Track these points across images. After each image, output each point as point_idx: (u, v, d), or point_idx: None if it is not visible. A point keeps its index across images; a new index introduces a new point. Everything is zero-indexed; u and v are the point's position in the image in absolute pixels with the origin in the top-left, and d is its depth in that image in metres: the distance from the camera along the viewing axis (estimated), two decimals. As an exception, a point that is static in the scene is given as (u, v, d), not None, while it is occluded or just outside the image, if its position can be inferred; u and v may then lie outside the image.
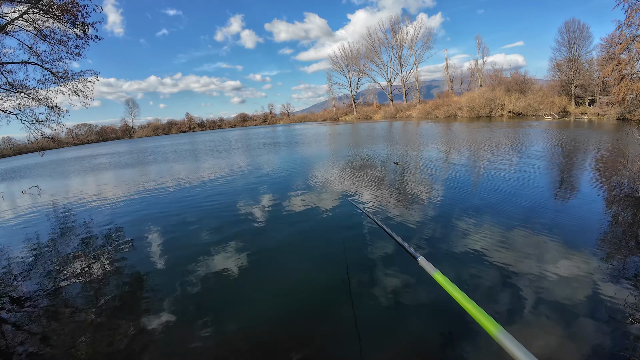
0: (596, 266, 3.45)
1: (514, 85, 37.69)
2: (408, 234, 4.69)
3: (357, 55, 63.22)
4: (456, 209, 5.57)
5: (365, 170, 9.89)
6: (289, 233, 5.16)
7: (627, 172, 6.36)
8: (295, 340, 2.71)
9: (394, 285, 3.37)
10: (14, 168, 27.31)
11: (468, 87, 55.25)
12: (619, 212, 5.09)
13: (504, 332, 0.76)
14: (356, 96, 67.95)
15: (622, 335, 2.47)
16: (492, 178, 7.61)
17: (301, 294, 3.42)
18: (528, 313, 2.78)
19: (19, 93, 9.59)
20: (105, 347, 2.82)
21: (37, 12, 8.65)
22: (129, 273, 4.31)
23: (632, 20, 17.44)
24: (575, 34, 32.51)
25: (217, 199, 7.72)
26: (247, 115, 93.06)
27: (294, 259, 4.26)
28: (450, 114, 39.66)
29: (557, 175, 7.79)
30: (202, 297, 3.51)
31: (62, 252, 5.33)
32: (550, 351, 2.38)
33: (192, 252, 4.69)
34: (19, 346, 2.97)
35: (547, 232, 4.33)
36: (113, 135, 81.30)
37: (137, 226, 6.24)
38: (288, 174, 10.28)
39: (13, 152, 61.26)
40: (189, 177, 11.48)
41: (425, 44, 55.57)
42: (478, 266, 3.60)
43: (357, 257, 4.10)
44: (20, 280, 4.39)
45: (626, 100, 20.19)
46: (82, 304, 3.60)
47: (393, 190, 7.21)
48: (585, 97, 31.70)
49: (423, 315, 2.91)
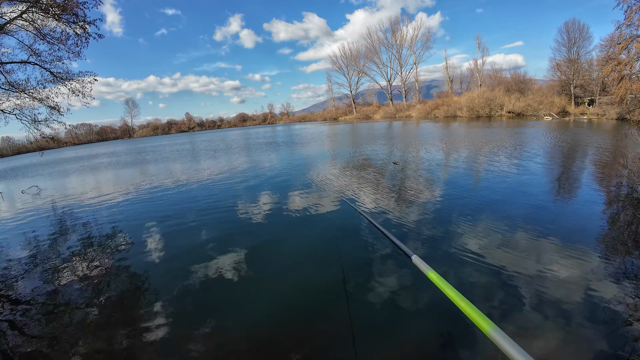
0: (595, 266, 3.45)
1: (513, 86, 37.74)
2: (405, 232, 4.69)
3: (356, 55, 63.32)
4: (454, 209, 5.57)
5: (364, 169, 9.89)
6: (287, 233, 5.16)
7: (627, 172, 6.37)
8: (294, 340, 2.71)
9: (389, 284, 3.38)
10: (13, 168, 27.28)
11: (468, 87, 55.29)
12: (618, 212, 5.10)
13: (497, 330, 0.76)
14: (356, 96, 68.04)
15: (621, 335, 2.48)
16: (490, 178, 7.61)
17: (299, 294, 3.42)
18: (527, 313, 2.78)
19: (19, 93, 9.58)
20: (105, 347, 2.82)
21: (37, 12, 8.64)
22: (128, 273, 4.31)
23: (632, 20, 17.46)
24: (575, 34, 32.58)
25: (216, 199, 7.72)
26: (246, 115, 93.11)
27: (292, 258, 4.26)
28: (450, 114, 39.68)
29: (555, 175, 7.80)
30: (200, 297, 3.51)
31: (62, 252, 5.33)
32: (550, 351, 2.38)
33: (190, 252, 4.70)
34: (19, 346, 2.97)
35: (546, 232, 4.33)
36: (113, 135, 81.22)
37: (136, 226, 6.23)
38: (287, 174, 10.27)
39: (12, 152, 61.16)
40: (188, 177, 11.47)
41: (425, 44, 55.71)
42: (476, 266, 3.60)
43: (353, 257, 4.11)
44: (19, 281, 4.39)
45: (625, 100, 20.20)
46: (82, 304, 3.60)
47: (391, 190, 7.22)
48: (585, 97, 31.72)
49: (418, 313, 2.91)
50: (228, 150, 20.91)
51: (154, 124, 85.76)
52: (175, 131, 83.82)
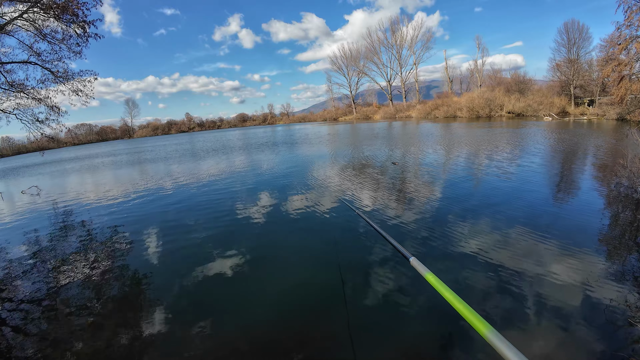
0: (595, 267, 3.45)
1: (513, 86, 37.76)
2: (404, 233, 4.69)
3: (356, 56, 63.30)
4: (454, 210, 5.57)
5: (363, 170, 9.89)
6: (285, 233, 5.16)
7: (627, 172, 6.37)
8: (293, 341, 2.71)
9: (388, 286, 3.38)
10: (13, 168, 27.27)
11: (467, 87, 55.29)
12: (618, 213, 5.10)
13: (494, 333, 0.77)
14: (356, 96, 67.99)
15: (621, 335, 2.48)
16: (490, 178, 7.62)
17: (298, 295, 3.42)
18: (527, 314, 2.78)
19: (19, 92, 9.58)
20: (104, 347, 2.82)
21: (37, 12, 8.65)
22: (128, 273, 4.31)
23: (632, 21, 17.48)
24: (575, 35, 32.59)
25: (216, 199, 7.72)
26: (246, 115, 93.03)
27: (291, 259, 4.26)
28: (450, 114, 39.69)
29: (555, 175, 7.80)
30: (199, 297, 3.51)
31: (62, 252, 5.33)
32: (550, 351, 2.38)
33: (189, 252, 4.70)
34: (19, 346, 2.97)
35: (546, 233, 4.34)
36: (113, 135, 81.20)
37: (135, 226, 6.23)
38: (286, 174, 10.27)
39: (12, 152, 61.14)
40: (188, 177, 11.47)
41: (425, 44, 55.72)
42: (474, 268, 3.60)
43: (351, 258, 4.11)
44: (19, 281, 4.39)
45: (625, 100, 20.23)
46: (82, 304, 3.60)
47: (390, 190, 7.22)
48: (585, 98, 31.73)
49: (416, 315, 2.91)
50: (228, 151, 20.90)
51: (154, 124, 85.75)
52: (175, 131, 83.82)
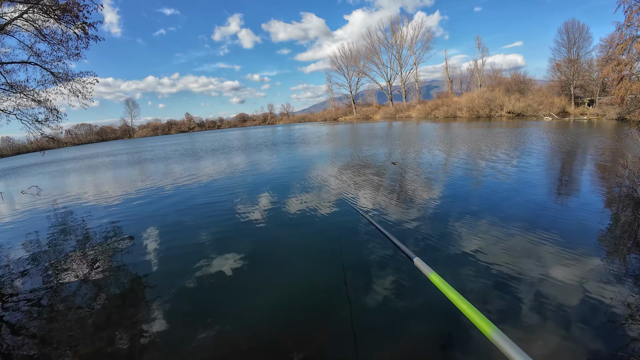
0: (596, 267, 3.45)
1: (513, 86, 37.76)
2: (405, 234, 4.69)
3: (356, 56, 63.33)
4: (454, 210, 5.57)
5: (363, 170, 9.89)
6: (286, 233, 5.16)
7: (627, 172, 6.37)
8: (294, 340, 2.71)
9: (391, 285, 3.38)
10: (13, 168, 27.27)
11: (467, 87, 55.28)
12: (618, 213, 5.10)
13: (498, 332, 0.77)
14: (356, 96, 67.99)
15: (621, 335, 2.48)
16: (490, 179, 7.62)
17: (300, 294, 3.42)
18: (527, 313, 2.78)
19: (18, 93, 9.59)
20: (104, 347, 2.82)
21: (38, 12, 8.65)
22: (128, 273, 4.31)
23: (632, 21, 17.49)
24: (575, 35, 32.58)
25: (216, 199, 7.72)
26: (246, 115, 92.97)
27: (293, 258, 4.26)
28: (450, 114, 39.69)
29: (556, 176, 7.80)
30: (200, 296, 3.51)
31: (62, 252, 5.33)
32: (550, 351, 2.38)
33: (190, 252, 4.70)
34: (19, 346, 2.97)
35: (546, 233, 4.34)
36: (113, 135, 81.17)
37: (135, 226, 6.24)
38: (287, 174, 10.28)
39: (12, 152, 61.13)
40: (188, 177, 11.47)
41: (425, 44, 55.74)
42: (477, 268, 3.60)
43: (354, 257, 4.11)
44: (20, 281, 4.39)
45: (625, 100, 20.23)
46: (82, 304, 3.60)
47: (391, 190, 7.22)
48: (585, 98, 31.73)
49: (420, 315, 2.91)
50: (228, 151, 20.90)
51: (154, 124, 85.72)
52: (175, 131, 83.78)
